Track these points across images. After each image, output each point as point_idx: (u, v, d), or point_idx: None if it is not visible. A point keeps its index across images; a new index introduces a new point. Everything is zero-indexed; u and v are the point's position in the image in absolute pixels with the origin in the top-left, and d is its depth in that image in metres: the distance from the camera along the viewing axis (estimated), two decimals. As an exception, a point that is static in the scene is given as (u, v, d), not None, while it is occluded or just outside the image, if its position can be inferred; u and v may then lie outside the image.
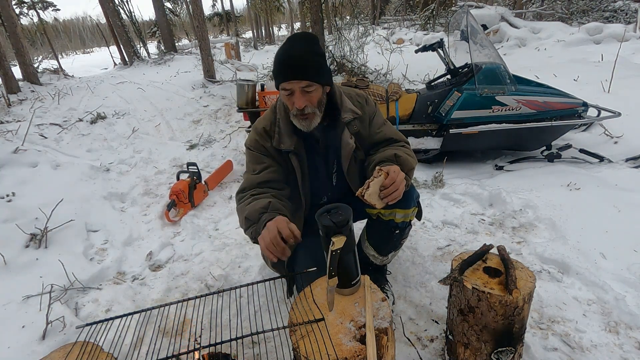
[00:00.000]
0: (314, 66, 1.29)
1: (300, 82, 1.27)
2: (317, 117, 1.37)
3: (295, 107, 1.31)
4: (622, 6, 9.97)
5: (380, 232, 1.58)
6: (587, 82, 4.42)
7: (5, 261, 2.12)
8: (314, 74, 1.29)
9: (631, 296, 1.66)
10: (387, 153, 1.40)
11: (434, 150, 3.27)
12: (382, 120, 1.57)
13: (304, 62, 1.27)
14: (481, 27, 3.54)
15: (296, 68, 1.26)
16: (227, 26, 27.57)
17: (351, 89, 1.59)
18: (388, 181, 1.19)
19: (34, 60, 11.04)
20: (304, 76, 1.27)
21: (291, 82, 1.28)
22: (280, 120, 1.44)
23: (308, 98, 1.31)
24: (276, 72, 1.32)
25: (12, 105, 5.86)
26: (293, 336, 1.02)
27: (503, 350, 1.25)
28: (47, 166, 3.26)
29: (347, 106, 1.47)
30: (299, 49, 1.28)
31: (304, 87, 1.28)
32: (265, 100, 3.49)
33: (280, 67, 1.29)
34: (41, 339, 1.64)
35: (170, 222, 2.76)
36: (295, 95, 1.29)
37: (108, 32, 13.93)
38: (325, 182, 1.57)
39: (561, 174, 2.79)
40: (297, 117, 1.35)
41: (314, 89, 1.30)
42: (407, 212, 1.48)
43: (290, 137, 1.41)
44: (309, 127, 1.37)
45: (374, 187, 1.17)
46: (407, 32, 13.77)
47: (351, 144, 1.45)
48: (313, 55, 1.29)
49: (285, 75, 1.28)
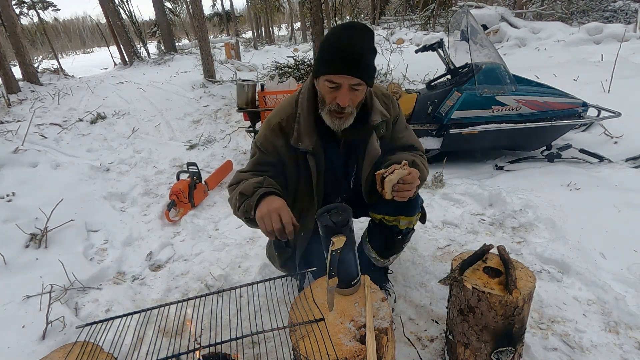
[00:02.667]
0: (370, 65, 1.20)
1: (353, 78, 1.17)
2: (352, 118, 1.28)
3: (336, 102, 1.21)
4: (622, 6, 9.97)
5: (382, 236, 1.54)
6: (587, 82, 4.42)
7: (5, 261, 2.12)
8: (368, 73, 1.20)
9: (631, 296, 1.66)
10: (404, 157, 1.33)
11: (434, 150, 3.27)
12: (404, 124, 1.50)
13: (363, 58, 1.16)
14: (481, 27, 3.54)
15: (354, 63, 1.15)
16: (227, 26, 27.57)
17: (377, 86, 1.46)
18: (409, 178, 1.16)
19: (34, 60, 11.04)
20: (359, 74, 1.17)
21: (343, 76, 1.17)
22: (302, 115, 1.33)
23: (352, 97, 1.21)
24: (327, 61, 1.18)
25: (12, 105, 5.86)
26: (293, 336, 1.02)
27: (503, 350, 1.25)
28: (47, 166, 3.26)
29: (377, 108, 1.37)
30: (359, 42, 1.16)
31: (354, 84, 1.18)
32: (265, 100, 3.49)
33: (334, 56, 1.16)
34: (41, 339, 1.64)
35: (170, 222, 2.76)
36: (341, 90, 1.19)
37: (108, 32, 13.93)
38: (341, 183, 1.51)
39: (561, 174, 2.79)
40: (332, 114, 1.25)
41: (361, 88, 1.21)
42: (411, 219, 1.45)
43: (310, 136, 1.31)
44: (340, 127, 1.28)
45: (395, 176, 1.15)
46: (407, 32, 13.76)
47: (378, 150, 1.37)
48: (371, 52, 1.20)
49: (339, 68, 1.16)
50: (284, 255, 1.64)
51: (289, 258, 1.62)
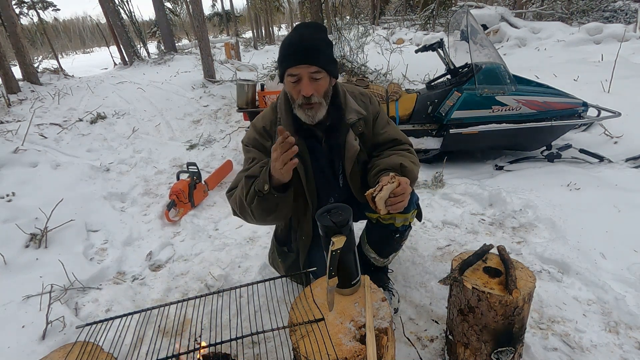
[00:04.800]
0: (325, 53, 1.25)
1: (310, 67, 1.22)
2: (323, 109, 1.32)
3: (301, 95, 1.26)
4: (622, 6, 9.97)
5: (380, 235, 1.56)
6: (587, 82, 4.42)
7: (5, 261, 2.12)
8: (324, 60, 1.25)
9: (631, 296, 1.66)
10: (392, 161, 1.35)
11: (434, 150, 3.27)
12: (386, 120, 1.53)
13: (315, 47, 1.22)
14: (481, 27, 3.54)
15: (307, 52, 1.21)
16: (227, 26, 27.58)
17: (355, 87, 1.54)
18: (399, 190, 1.17)
19: (34, 60, 11.01)
20: (314, 61, 1.22)
21: (300, 67, 1.22)
22: (282, 119, 1.39)
23: (315, 86, 1.26)
24: (283, 57, 1.26)
25: (12, 105, 5.85)
26: (293, 336, 1.02)
27: (503, 350, 1.25)
28: (47, 166, 3.26)
29: (351, 106, 1.42)
30: (309, 35, 1.24)
31: (313, 73, 1.24)
32: (265, 100, 3.49)
33: (288, 50, 1.24)
34: (41, 339, 1.64)
35: (170, 222, 2.76)
36: (302, 82, 1.25)
37: (108, 32, 13.92)
38: (331, 183, 1.53)
39: (561, 174, 2.79)
40: (302, 107, 1.30)
41: (322, 76, 1.26)
42: (407, 217, 1.46)
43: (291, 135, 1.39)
44: (314, 119, 1.32)
45: (385, 192, 1.16)
46: (407, 32, 13.76)
47: (355, 147, 1.40)
48: (324, 42, 1.26)
49: (294, 59, 1.23)
50: (288, 260, 1.65)
51: (292, 264, 1.63)
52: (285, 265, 1.67)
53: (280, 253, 1.69)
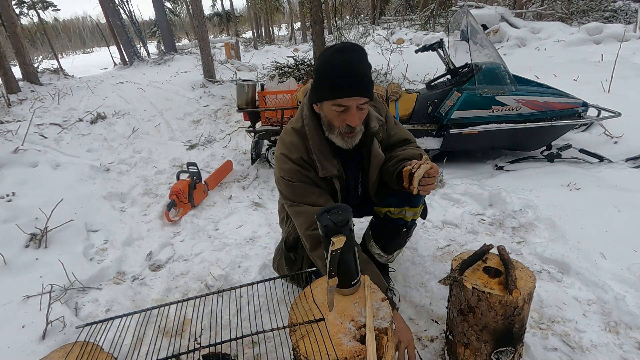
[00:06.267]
0: (372, 82, 1.22)
1: (361, 99, 1.20)
2: (360, 134, 1.32)
3: (347, 124, 1.24)
4: (622, 6, 9.96)
5: (387, 230, 1.57)
6: (587, 82, 4.41)
7: (5, 261, 2.12)
8: (371, 90, 1.22)
9: (631, 296, 1.66)
10: (412, 152, 1.38)
11: (434, 150, 3.27)
12: (393, 120, 1.55)
13: (366, 76, 1.19)
14: (481, 27, 3.54)
15: (360, 84, 1.18)
16: (227, 26, 27.57)
17: None
18: (432, 172, 1.19)
19: (34, 60, 11.02)
20: (366, 93, 1.20)
21: (351, 98, 1.19)
22: (314, 146, 1.34)
23: (360, 115, 1.24)
24: (331, 87, 1.19)
25: (12, 105, 5.85)
26: (293, 336, 1.02)
27: (503, 350, 1.25)
28: (47, 166, 3.26)
29: (373, 114, 1.39)
30: (358, 63, 1.19)
31: (362, 104, 1.21)
32: (265, 100, 3.48)
33: (338, 80, 1.18)
34: (41, 339, 1.64)
35: (170, 222, 2.76)
36: (350, 112, 1.21)
37: (108, 32, 13.93)
38: (353, 193, 1.54)
39: (561, 174, 2.79)
40: (343, 135, 1.27)
41: (367, 105, 1.25)
42: (416, 210, 1.48)
43: (330, 161, 1.35)
44: (352, 145, 1.31)
45: (422, 171, 1.17)
46: (407, 32, 13.74)
47: (381, 155, 1.41)
48: (369, 68, 1.24)
49: (347, 92, 1.18)
50: (294, 268, 1.66)
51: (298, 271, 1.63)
52: (291, 272, 1.69)
53: (288, 259, 1.69)
